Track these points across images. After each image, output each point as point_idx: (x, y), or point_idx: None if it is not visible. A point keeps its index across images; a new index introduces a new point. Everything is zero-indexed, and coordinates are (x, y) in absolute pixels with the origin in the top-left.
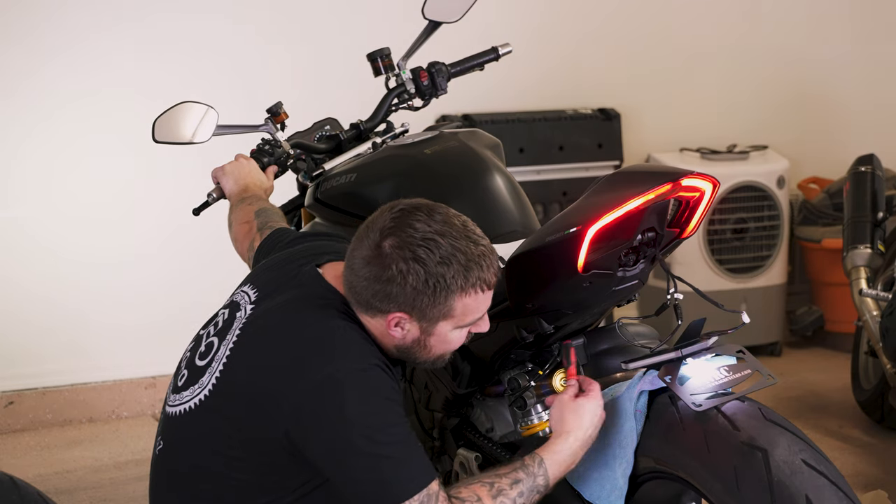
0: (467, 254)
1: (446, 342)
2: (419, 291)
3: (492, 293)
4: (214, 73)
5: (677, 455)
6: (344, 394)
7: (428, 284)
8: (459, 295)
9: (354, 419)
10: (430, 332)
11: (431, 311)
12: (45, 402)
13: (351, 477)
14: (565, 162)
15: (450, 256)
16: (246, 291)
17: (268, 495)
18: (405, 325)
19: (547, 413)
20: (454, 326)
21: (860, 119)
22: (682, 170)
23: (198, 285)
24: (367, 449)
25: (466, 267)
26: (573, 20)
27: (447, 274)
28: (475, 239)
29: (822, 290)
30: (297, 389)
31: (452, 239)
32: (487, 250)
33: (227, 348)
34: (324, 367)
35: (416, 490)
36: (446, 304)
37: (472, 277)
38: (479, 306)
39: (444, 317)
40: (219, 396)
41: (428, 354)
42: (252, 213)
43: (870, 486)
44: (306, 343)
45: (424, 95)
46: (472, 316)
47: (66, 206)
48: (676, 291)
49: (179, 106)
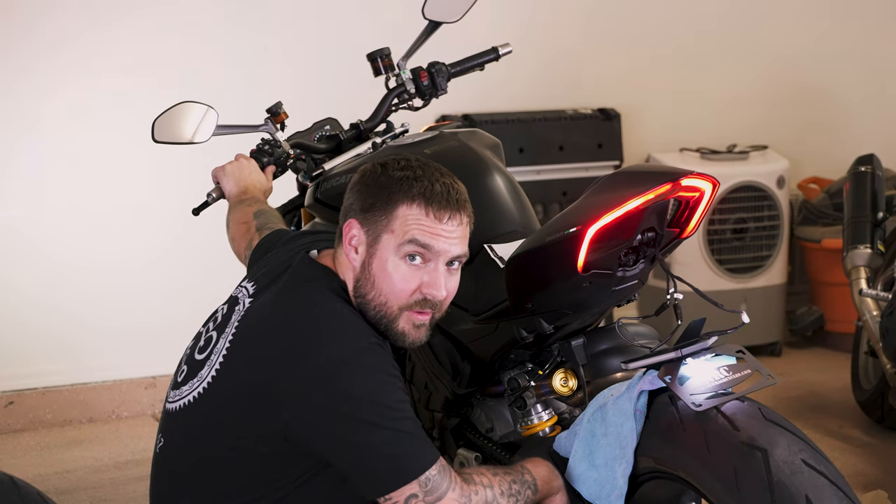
0: (428, 174)
1: (388, 273)
2: (369, 189)
3: (445, 236)
4: (214, 73)
5: (677, 455)
6: (348, 373)
7: (379, 183)
8: (402, 202)
9: (362, 397)
10: (373, 251)
11: (377, 218)
12: (45, 402)
13: (361, 457)
14: (565, 162)
15: (406, 168)
16: (244, 286)
17: (269, 485)
18: (357, 245)
19: (547, 413)
20: (395, 249)
21: (860, 119)
22: (682, 170)
23: (198, 286)
24: (376, 425)
25: (418, 178)
26: (573, 20)
27: (397, 175)
28: (443, 172)
29: (822, 290)
30: (298, 374)
31: (422, 164)
32: (454, 187)
33: (226, 341)
34: (324, 350)
35: (430, 463)
36: (389, 209)
37: (417, 187)
38: (419, 227)
39: (386, 228)
40: (218, 388)
41: (377, 296)
42: (251, 214)
43: (870, 486)
44: (302, 327)
45: (424, 95)
46: (409, 234)
47: (66, 207)
48: (676, 291)
49: (179, 106)
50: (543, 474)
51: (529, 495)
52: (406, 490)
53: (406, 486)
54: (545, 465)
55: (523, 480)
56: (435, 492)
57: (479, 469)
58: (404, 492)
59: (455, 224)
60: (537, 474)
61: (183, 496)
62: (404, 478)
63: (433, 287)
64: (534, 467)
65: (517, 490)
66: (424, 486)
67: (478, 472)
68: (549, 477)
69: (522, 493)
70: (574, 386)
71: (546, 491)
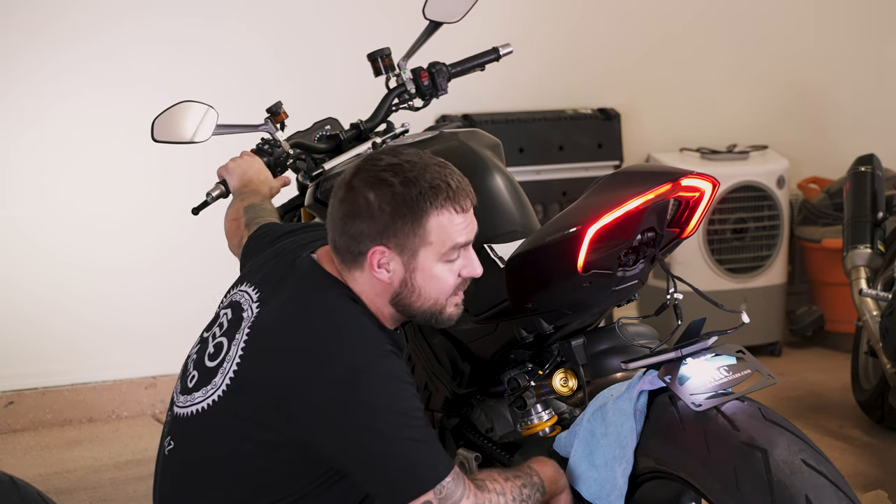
0: (434, 174)
1: (434, 278)
2: (389, 215)
3: (471, 221)
4: (214, 73)
5: (677, 455)
6: (369, 382)
7: (396, 206)
8: (431, 214)
9: (381, 406)
10: (413, 267)
11: (407, 237)
12: (45, 402)
13: (378, 465)
14: (565, 162)
15: (415, 177)
16: (245, 290)
17: (280, 493)
18: (388, 264)
19: (547, 413)
20: (437, 257)
21: (860, 119)
22: (682, 170)
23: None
24: (394, 434)
25: (434, 185)
26: (573, 20)
27: (413, 192)
28: (442, 164)
29: (822, 290)
30: (316, 384)
31: (418, 165)
32: (456, 174)
33: (238, 348)
34: (340, 359)
35: (446, 472)
36: (419, 225)
37: (441, 195)
38: (455, 230)
39: (422, 243)
40: (233, 397)
41: (425, 301)
42: (241, 209)
43: (870, 486)
44: (321, 335)
45: (425, 95)
46: (451, 240)
47: (67, 207)
48: (676, 291)
49: (179, 105)
50: (550, 474)
51: (538, 497)
52: (422, 499)
53: (422, 495)
54: (551, 464)
55: (532, 483)
56: (450, 499)
57: (490, 474)
58: (420, 501)
59: (470, 206)
60: (545, 475)
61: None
62: (421, 487)
63: (473, 269)
64: (540, 468)
65: (528, 494)
66: (440, 493)
67: (490, 477)
68: (556, 477)
69: (532, 496)
70: (574, 386)
71: (553, 491)
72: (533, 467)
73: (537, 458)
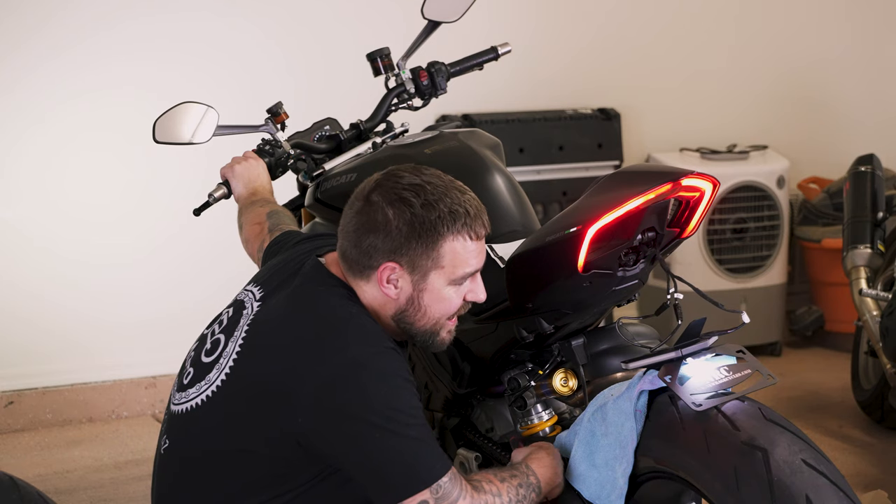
0: (454, 199)
1: (442, 300)
2: (405, 235)
3: (483, 249)
4: (214, 73)
5: (677, 455)
6: (365, 377)
7: (413, 226)
8: (447, 238)
9: (378, 402)
10: (422, 287)
11: (420, 258)
12: (45, 402)
13: (374, 463)
14: (565, 162)
15: (436, 201)
16: (250, 290)
17: (276, 489)
18: (398, 281)
19: (547, 413)
20: (447, 280)
21: (860, 119)
22: (682, 170)
23: (198, 285)
24: (392, 431)
25: (453, 211)
26: (573, 20)
27: (432, 215)
28: (462, 190)
29: (822, 290)
30: (314, 379)
31: (439, 188)
32: (475, 201)
33: (235, 344)
34: (340, 354)
35: (443, 471)
36: (434, 248)
37: (459, 222)
38: (468, 256)
39: (435, 265)
40: (228, 392)
41: (428, 321)
42: (264, 214)
43: (870, 486)
44: (320, 330)
45: (424, 95)
46: (463, 268)
47: (66, 207)
48: (676, 291)
49: (179, 106)
50: (547, 476)
51: (534, 498)
52: (418, 497)
53: (418, 493)
54: (549, 465)
55: (528, 483)
56: (446, 499)
57: (486, 476)
58: (416, 499)
59: (484, 234)
60: (541, 476)
61: (187, 497)
62: (417, 485)
63: (477, 295)
64: (538, 468)
65: (524, 495)
66: (436, 493)
67: (486, 479)
68: (552, 478)
69: (528, 496)
70: (574, 386)
71: (548, 492)
72: (531, 467)
73: (536, 456)
